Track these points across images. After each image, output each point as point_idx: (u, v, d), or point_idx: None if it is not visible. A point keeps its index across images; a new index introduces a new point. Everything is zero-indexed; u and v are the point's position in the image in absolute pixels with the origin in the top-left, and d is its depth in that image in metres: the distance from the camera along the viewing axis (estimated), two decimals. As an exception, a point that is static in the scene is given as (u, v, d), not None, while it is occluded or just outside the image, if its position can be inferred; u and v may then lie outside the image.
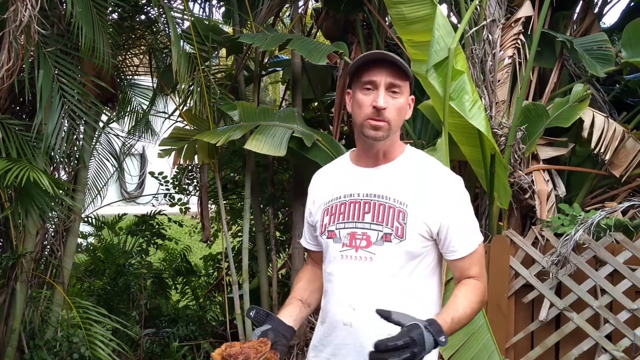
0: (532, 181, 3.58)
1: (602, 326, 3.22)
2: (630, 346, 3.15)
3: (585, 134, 3.55)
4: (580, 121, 3.57)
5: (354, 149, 1.79)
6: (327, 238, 1.70)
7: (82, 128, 3.80)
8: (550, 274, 3.26)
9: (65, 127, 3.52)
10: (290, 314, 1.77)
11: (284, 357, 1.66)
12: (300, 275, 1.94)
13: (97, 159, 4.70)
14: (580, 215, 3.35)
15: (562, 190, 3.68)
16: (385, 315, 1.44)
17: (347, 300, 1.64)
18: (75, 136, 3.68)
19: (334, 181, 1.77)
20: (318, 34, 5.12)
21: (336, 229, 1.68)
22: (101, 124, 4.42)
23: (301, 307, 1.82)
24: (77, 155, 3.86)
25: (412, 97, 1.71)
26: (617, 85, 4.48)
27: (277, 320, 1.69)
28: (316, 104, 5.34)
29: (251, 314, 1.71)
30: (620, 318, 3.18)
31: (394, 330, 1.54)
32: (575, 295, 3.24)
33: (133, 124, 5.17)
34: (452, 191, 1.67)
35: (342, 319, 1.65)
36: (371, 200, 1.65)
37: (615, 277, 3.23)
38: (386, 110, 1.59)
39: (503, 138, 3.50)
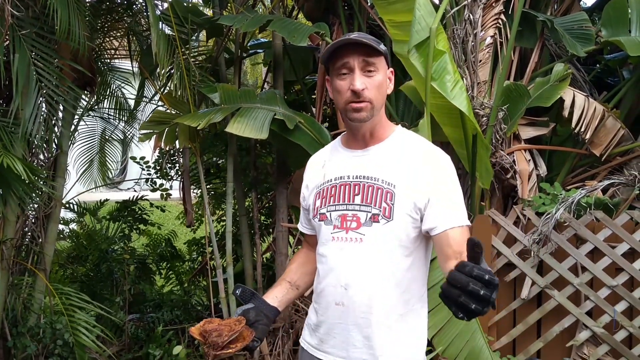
0: (514, 161, 3.60)
1: (583, 303, 3.27)
2: (610, 322, 3.21)
3: (566, 113, 3.58)
4: (561, 101, 3.59)
5: (344, 132, 1.80)
6: (319, 221, 1.71)
7: (60, 113, 3.73)
8: (532, 253, 3.30)
9: (43, 112, 3.46)
10: (276, 295, 1.79)
11: (267, 338, 1.65)
12: (294, 258, 1.95)
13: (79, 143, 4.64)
14: (561, 194, 3.38)
15: (543, 169, 3.70)
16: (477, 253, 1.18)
17: (339, 280, 1.64)
18: (53, 121, 3.61)
19: (326, 165, 1.78)
20: (299, 15, 5.06)
21: (327, 211, 1.69)
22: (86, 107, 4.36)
23: (289, 288, 1.83)
24: (55, 141, 3.80)
25: (391, 69, 1.70)
26: (598, 65, 4.51)
27: (261, 300, 1.72)
28: (298, 86, 5.29)
29: (237, 292, 1.72)
30: (601, 295, 3.23)
31: (389, 310, 1.56)
32: (557, 273, 3.28)
33: (113, 107, 5.10)
34: (437, 167, 1.64)
35: (334, 299, 1.65)
36: (361, 182, 1.66)
37: (595, 254, 3.28)
38: (365, 91, 1.59)
39: (485, 118, 3.50)
